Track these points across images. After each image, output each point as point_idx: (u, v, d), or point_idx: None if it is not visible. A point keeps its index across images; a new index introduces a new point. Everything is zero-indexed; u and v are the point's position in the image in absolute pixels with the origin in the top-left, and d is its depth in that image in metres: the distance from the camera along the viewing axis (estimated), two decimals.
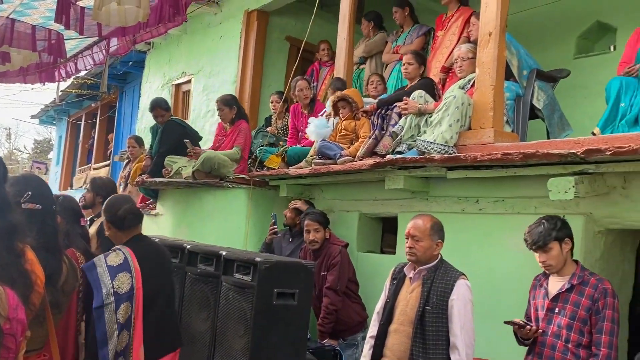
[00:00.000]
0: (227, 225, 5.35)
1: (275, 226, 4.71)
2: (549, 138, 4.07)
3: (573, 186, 2.90)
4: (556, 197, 2.96)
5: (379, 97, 4.74)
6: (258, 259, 3.03)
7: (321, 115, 5.02)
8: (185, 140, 5.62)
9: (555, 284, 2.80)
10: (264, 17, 6.58)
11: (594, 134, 3.60)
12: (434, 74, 4.84)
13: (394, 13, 5.53)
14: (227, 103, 5.64)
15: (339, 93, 4.68)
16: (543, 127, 4.21)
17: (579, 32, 5.37)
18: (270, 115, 6.37)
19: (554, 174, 3.05)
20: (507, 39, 4.07)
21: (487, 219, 3.63)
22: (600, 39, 5.32)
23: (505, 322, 2.80)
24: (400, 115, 4.19)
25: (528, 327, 2.74)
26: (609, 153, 2.68)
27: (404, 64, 4.57)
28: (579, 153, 2.81)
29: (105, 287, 2.68)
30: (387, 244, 4.79)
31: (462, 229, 3.74)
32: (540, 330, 2.75)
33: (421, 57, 4.65)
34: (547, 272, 2.85)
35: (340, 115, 4.66)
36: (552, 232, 2.71)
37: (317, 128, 4.81)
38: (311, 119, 5.00)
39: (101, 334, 2.64)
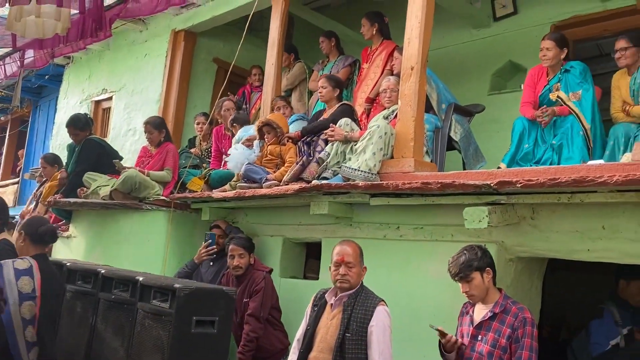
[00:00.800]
0: (144, 249, 5.15)
1: (214, 247, 4.58)
2: (464, 169, 4.29)
3: (486, 215, 3.04)
4: (471, 225, 3.09)
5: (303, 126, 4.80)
6: (177, 285, 2.93)
7: (241, 142, 4.97)
8: (114, 160, 5.43)
9: (480, 312, 2.88)
10: (191, 37, 6.51)
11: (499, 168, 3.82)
12: (359, 103, 4.98)
13: (320, 42, 5.65)
14: (157, 126, 5.53)
15: (263, 118, 4.70)
16: (459, 158, 4.42)
17: (493, 70, 5.73)
18: (194, 137, 6.26)
19: (470, 203, 3.20)
20: (428, 73, 4.27)
21: (408, 245, 3.73)
22: (512, 77, 5.70)
23: (430, 326, 2.85)
24: (326, 142, 4.26)
25: (448, 336, 2.81)
26: (519, 185, 2.85)
27: (319, 88, 4.67)
28: (492, 184, 2.97)
29: (10, 284, 2.94)
30: (310, 270, 4.79)
31: (383, 254, 3.82)
32: (461, 343, 2.82)
33: (335, 80, 4.75)
34: (471, 301, 2.94)
35: (266, 139, 4.66)
36: (473, 263, 2.81)
37: (238, 158, 4.77)
38: (231, 150, 4.97)
39: (8, 324, 2.90)
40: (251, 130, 4.97)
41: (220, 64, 6.81)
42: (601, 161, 3.26)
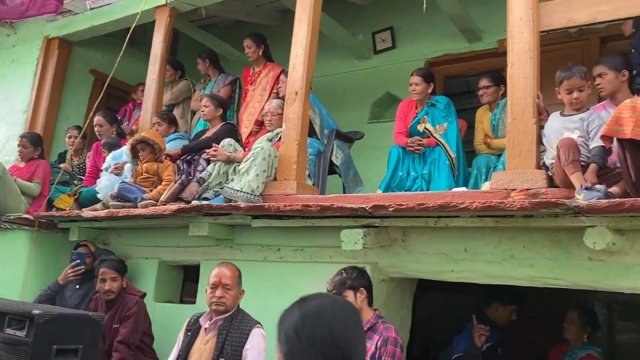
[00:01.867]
0: (2, 272, 4.66)
1: (81, 267, 4.24)
2: (344, 192, 4.43)
3: (362, 238, 3.16)
4: (347, 247, 3.20)
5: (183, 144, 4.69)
6: (35, 311, 2.69)
7: (109, 171, 4.74)
8: None
9: None
10: (66, 46, 6.10)
11: None
12: (246, 125, 4.98)
13: (197, 64, 5.62)
14: (34, 142, 5.19)
15: (137, 135, 4.52)
16: (340, 182, 4.57)
17: (373, 100, 6.04)
18: (65, 151, 5.84)
19: (347, 225, 3.31)
20: (312, 99, 4.39)
21: (287, 267, 3.76)
22: (389, 107, 6.03)
23: None
24: (208, 162, 4.19)
25: None
26: (391, 209, 3.00)
27: (201, 107, 4.62)
28: (367, 208, 3.09)
29: None
30: (187, 293, 4.62)
31: (263, 276, 3.81)
32: None
33: (218, 100, 4.72)
34: None
35: (140, 157, 4.46)
36: (346, 282, 2.92)
37: (108, 189, 4.53)
38: (99, 181, 4.73)
39: None
40: (123, 156, 4.74)
41: (98, 76, 6.42)
42: (464, 188, 3.54)
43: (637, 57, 3.64)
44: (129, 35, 4.71)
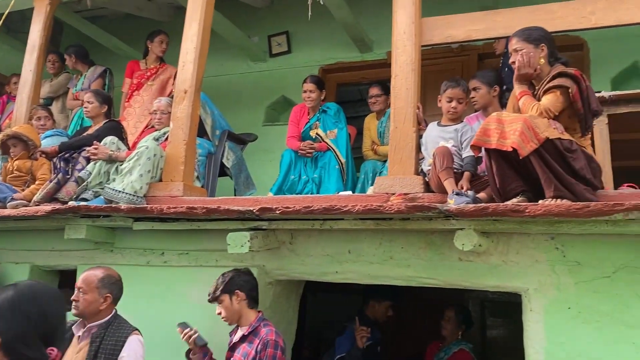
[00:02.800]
0: None
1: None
2: (235, 195, 4.39)
3: (248, 241, 3.14)
4: (233, 250, 3.16)
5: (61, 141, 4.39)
6: None
7: None
8: None
9: (237, 335, 2.97)
10: None
11: None
12: (140, 120, 4.79)
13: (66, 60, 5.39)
14: None
15: (9, 130, 4.16)
16: (232, 184, 4.51)
17: (268, 102, 6.04)
18: None
19: (234, 228, 3.27)
20: (203, 99, 4.31)
21: (172, 272, 3.64)
22: (284, 111, 6.07)
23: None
24: (88, 160, 3.96)
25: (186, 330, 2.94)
26: (278, 212, 3.02)
27: (84, 103, 4.37)
28: (254, 210, 3.08)
29: None
30: (65, 300, 4.32)
31: (146, 281, 3.66)
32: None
33: (102, 96, 4.50)
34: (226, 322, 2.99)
35: (12, 154, 4.11)
36: (221, 286, 2.90)
37: None
38: None
39: None
40: None
41: None
42: (349, 192, 3.65)
43: (508, 74, 3.97)
44: (1, 21, 4.32)
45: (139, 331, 2.84)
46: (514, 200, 2.67)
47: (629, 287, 2.61)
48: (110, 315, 2.82)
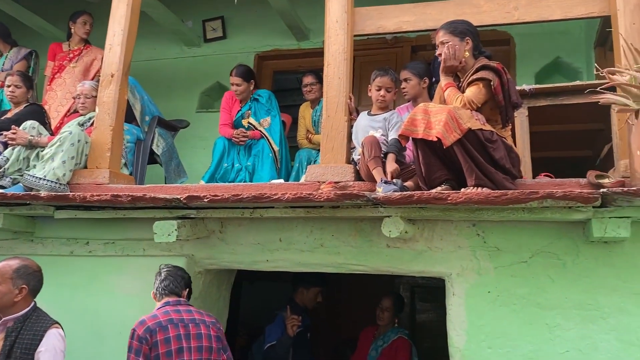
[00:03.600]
0: None
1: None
2: (166, 183, 4.28)
3: (175, 229, 3.07)
4: (160, 239, 3.08)
5: None
6: None
7: None
8: None
9: None
10: None
11: None
12: (61, 104, 4.56)
13: None
14: None
15: None
16: (162, 172, 4.40)
17: (202, 88, 5.92)
18: None
19: (161, 217, 3.19)
20: (132, 83, 4.16)
21: (97, 262, 3.51)
22: (219, 97, 5.89)
23: None
24: (5, 145, 3.74)
25: None
26: (206, 200, 2.96)
27: (8, 86, 4.14)
28: (182, 199, 3.02)
29: None
30: None
31: (69, 272, 3.51)
32: None
33: (28, 79, 4.30)
34: None
35: None
36: None
37: None
38: None
39: None
40: None
41: None
42: (281, 180, 3.64)
43: (438, 67, 4.07)
44: None
45: (59, 324, 2.72)
46: (438, 188, 2.75)
47: (544, 272, 2.76)
48: (29, 308, 2.69)
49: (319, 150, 4.35)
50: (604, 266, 2.67)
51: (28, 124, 3.77)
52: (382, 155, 3.07)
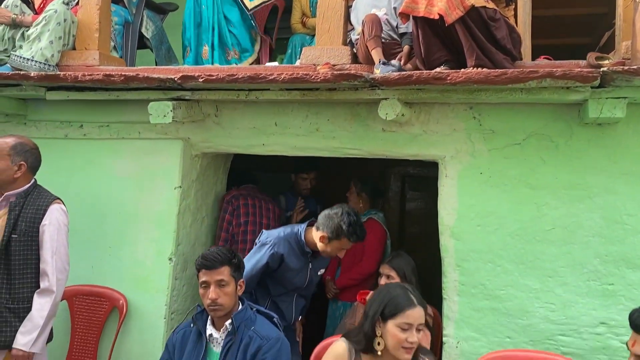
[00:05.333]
0: None
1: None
2: None
3: (171, 110, 3.05)
4: (156, 120, 3.06)
5: None
6: None
7: None
8: None
9: None
10: None
11: None
12: None
13: None
14: None
15: None
16: (153, 57, 4.27)
17: None
18: None
19: (155, 98, 3.15)
20: None
21: (92, 144, 3.51)
22: None
23: None
24: None
25: None
26: (201, 80, 2.92)
27: None
28: (176, 79, 2.96)
29: None
30: None
31: (64, 155, 3.52)
32: None
33: None
34: None
35: None
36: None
37: None
38: None
39: None
40: None
41: None
42: (275, 63, 3.56)
43: None
44: None
45: (61, 200, 2.77)
46: (438, 69, 2.72)
47: (536, 153, 2.81)
48: (29, 184, 2.72)
49: (313, 35, 4.23)
50: (596, 147, 2.71)
51: (10, 1, 3.59)
52: (382, 35, 2.99)
